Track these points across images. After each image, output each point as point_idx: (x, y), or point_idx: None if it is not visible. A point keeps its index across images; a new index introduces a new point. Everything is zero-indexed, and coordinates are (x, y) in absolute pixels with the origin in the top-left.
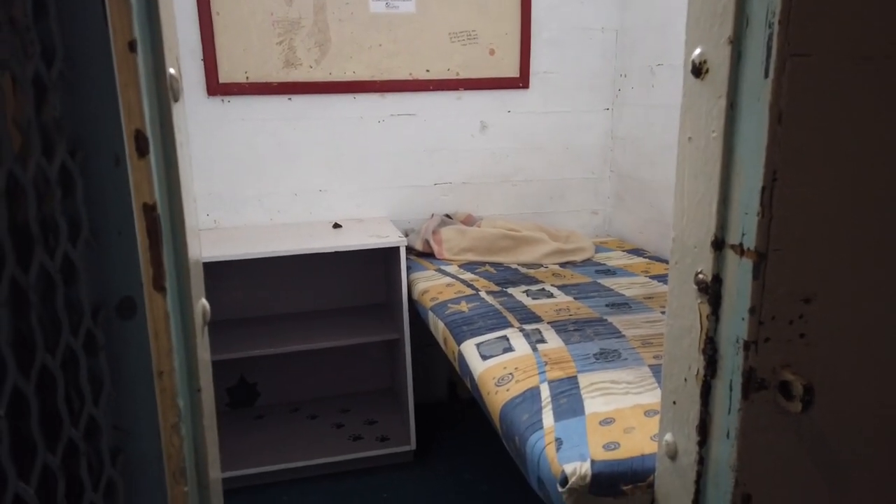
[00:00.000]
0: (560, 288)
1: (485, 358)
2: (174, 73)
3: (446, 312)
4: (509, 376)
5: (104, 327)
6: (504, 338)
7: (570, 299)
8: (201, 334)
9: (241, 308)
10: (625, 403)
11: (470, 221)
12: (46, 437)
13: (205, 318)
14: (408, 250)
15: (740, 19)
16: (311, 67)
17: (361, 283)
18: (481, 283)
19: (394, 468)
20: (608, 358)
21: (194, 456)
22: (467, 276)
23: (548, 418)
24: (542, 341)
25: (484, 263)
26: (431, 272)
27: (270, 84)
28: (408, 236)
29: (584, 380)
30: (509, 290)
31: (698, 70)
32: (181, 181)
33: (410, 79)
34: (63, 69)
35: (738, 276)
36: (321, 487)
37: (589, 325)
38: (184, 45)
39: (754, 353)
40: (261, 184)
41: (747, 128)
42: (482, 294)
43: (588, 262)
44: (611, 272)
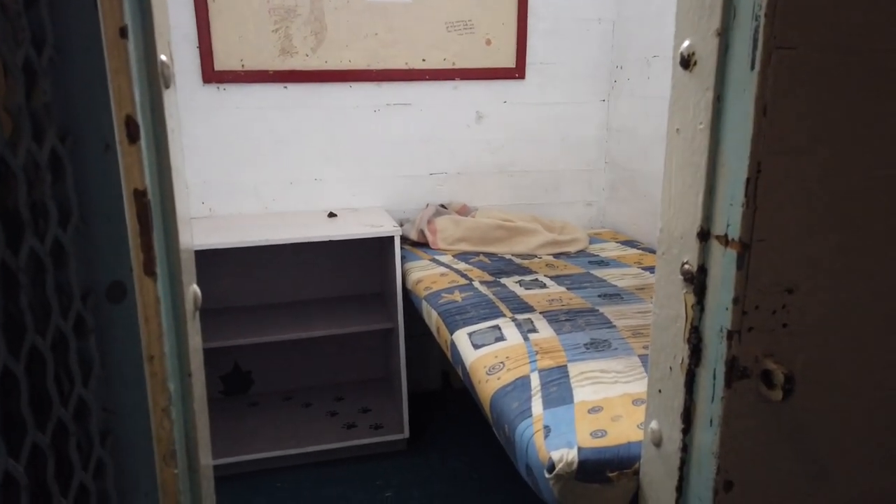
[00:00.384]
0: (553, 278)
1: (476, 347)
2: (165, 59)
3: (440, 302)
4: (500, 365)
5: (94, 311)
6: (496, 327)
7: (562, 290)
8: (192, 320)
9: (236, 296)
10: (613, 392)
11: (465, 212)
12: (36, 416)
13: (196, 304)
14: (402, 240)
15: (728, 11)
16: (306, 56)
17: (356, 272)
18: (475, 273)
19: (387, 456)
20: (598, 348)
21: (185, 439)
22: (461, 265)
23: (537, 406)
24: (534, 331)
25: (478, 254)
26: (426, 262)
27: (266, 72)
28: (403, 226)
29: (574, 369)
30: (503, 281)
31: (686, 62)
32: (172, 167)
33: (406, 68)
34: (53, 55)
35: (723, 266)
36: (315, 474)
37: (581, 315)
38: (179, 32)
39: (737, 343)
40: (256, 172)
41: (733, 120)
42: (476, 284)
43: (582, 253)
44: (604, 263)
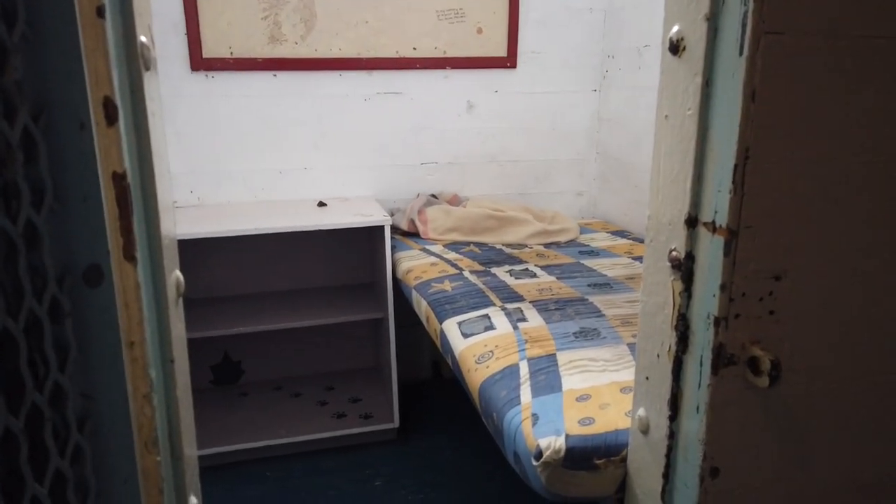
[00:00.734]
0: (543, 268)
1: (466, 336)
2: (146, 41)
3: (429, 291)
4: (489, 354)
5: (70, 294)
6: (486, 316)
7: (552, 279)
8: (175, 306)
9: (226, 286)
10: (601, 380)
11: (455, 201)
12: (9, 400)
13: (179, 291)
14: (393, 230)
15: None
16: (296, 44)
17: (346, 262)
18: (465, 262)
19: (377, 445)
20: (588, 336)
21: (167, 427)
22: (451, 255)
23: (525, 395)
24: (524, 320)
25: (468, 243)
26: (416, 251)
27: (255, 60)
28: (393, 216)
29: (562, 357)
30: (493, 270)
31: (676, 47)
32: (153, 151)
33: (397, 57)
34: (26, 31)
35: (710, 253)
36: (305, 464)
37: (570, 304)
38: (167, 19)
39: (724, 330)
40: (245, 161)
41: (722, 105)
42: (466, 273)
43: (572, 242)
44: (594, 253)
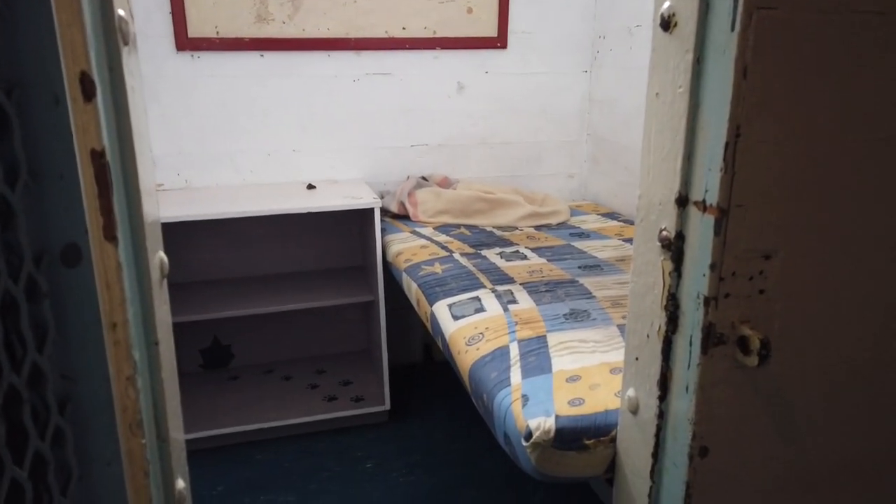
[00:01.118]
0: (534, 250)
1: (456, 318)
2: (123, 14)
3: (420, 274)
4: (480, 336)
5: (47, 274)
6: (476, 298)
7: (543, 261)
8: (159, 288)
9: (215, 269)
10: (591, 361)
11: (446, 184)
12: None
13: (163, 272)
14: (383, 212)
15: None
16: (283, 23)
17: (336, 245)
18: (455, 245)
19: (368, 428)
20: (578, 318)
21: (153, 409)
22: (442, 238)
23: (515, 376)
24: (514, 302)
25: (459, 226)
26: (406, 234)
27: (242, 40)
28: (383, 198)
29: (553, 339)
30: (483, 252)
31: (667, 23)
32: (133, 129)
33: (386, 37)
34: None
35: (700, 232)
36: (296, 446)
37: (560, 286)
38: None
39: (714, 309)
40: (232, 143)
41: (713, 82)
42: (456, 256)
43: (563, 225)
44: (585, 235)
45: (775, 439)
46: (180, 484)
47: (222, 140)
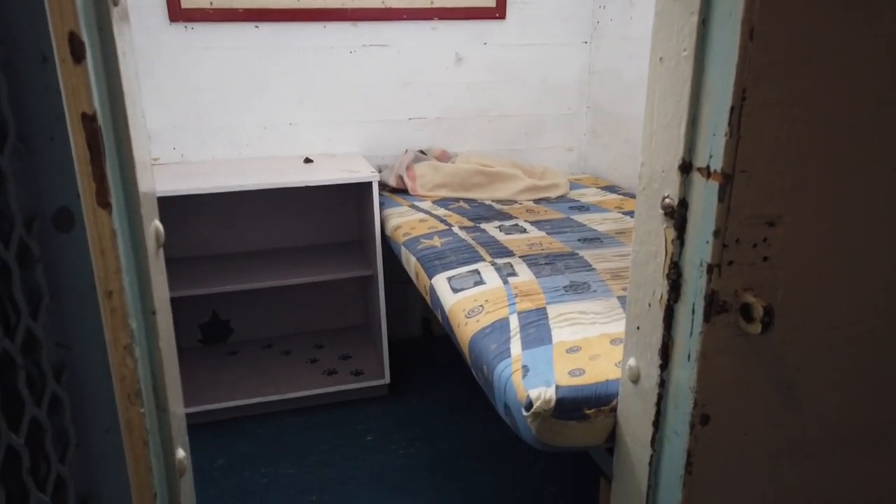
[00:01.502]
0: (533, 223)
1: (455, 291)
2: None
3: (418, 247)
4: (479, 308)
5: (40, 239)
6: (475, 271)
7: (542, 234)
8: (155, 257)
9: (212, 244)
10: (592, 333)
11: (444, 157)
12: None
13: (158, 241)
14: (381, 186)
15: None
16: None
17: (334, 219)
18: (454, 218)
19: (368, 401)
20: (578, 290)
21: (151, 379)
22: (441, 211)
23: (515, 347)
24: (514, 274)
25: (458, 199)
26: (405, 208)
27: (236, 10)
28: (381, 172)
29: (552, 311)
30: (482, 226)
31: None
32: (125, 93)
33: (383, 7)
34: None
35: (704, 198)
36: (296, 420)
37: (560, 258)
38: None
39: (717, 277)
40: (228, 116)
41: (719, 45)
42: (455, 229)
43: (562, 198)
44: (584, 208)
45: (777, 407)
46: (180, 454)
47: (218, 113)
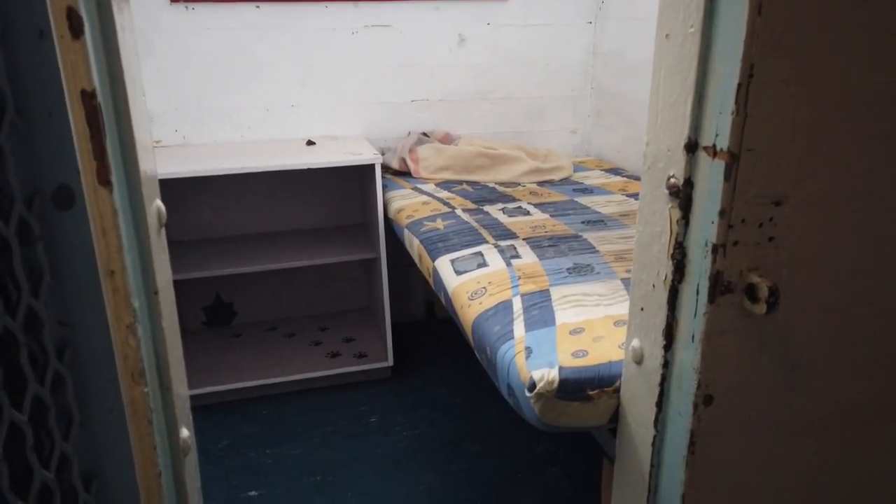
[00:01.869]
0: (537, 206)
1: (459, 273)
2: None
3: (422, 230)
4: (483, 290)
5: (40, 216)
6: (479, 254)
7: (546, 217)
8: (157, 236)
9: (215, 227)
10: (595, 314)
11: (447, 140)
12: None
13: (160, 221)
14: (383, 169)
15: None
16: None
17: (337, 202)
18: (457, 201)
19: (371, 384)
20: (581, 272)
21: (154, 358)
22: (444, 194)
23: (519, 329)
24: (517, 257)
25: (461, 182)
26: (408, 191)
27: None
28: (384, 155)
29: (556, 293)
30: (485, 208)
31: None
32: (125, 70)
33: None
34: None
35: (710, 178)
36: (300, 402)
37: (564, 241)
38: None
39: (722, 257)
40: (230, 98)
41: (727, 20)
42: (458, 212)
43: (566, 181)
44: (588, 191)
45: (780, 387)
46: (184, 433)
47: (220, 95)
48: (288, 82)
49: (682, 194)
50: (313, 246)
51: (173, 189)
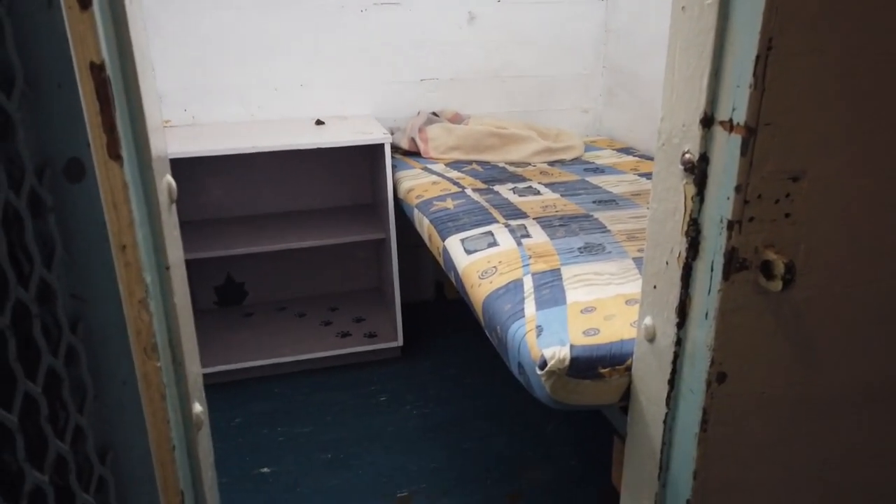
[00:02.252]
0: (547, 185)
1: (469, 252)
2: None
3: (431, 210)
4: (493, 269)
5: (51, 188)
6: (489, 233)
7: (556, 196)
8: (168, 212)
9: (225, 207)
10: (607, 293)
11: (457, 119)
12: None
13: (171, 196)
14: (393, 149)
15: None
16: None
17: (346, 182)
18: (468, 181)
19: (382, 363)
20: (592, 251)
21: (167, 333)
22: (454, 174)
23: (529, 308)
24: (527, 236)
25: (471, 162)
26: (417, 171)
27: None
28: (393, 134)
29: (567, 272)
30: (496, 188)
31: None
32: (133, 43)
33: None
34: None
35: (726, 153)
36: (311, 381)
37: (575, 220)
38: None
39: (737, 233)
40: (239, 77)
41: None
42: (468, 191)
43: (577, 160)
44: (599, 170)
45: (794, 365)
46: (197, 408)
47: (228, 75)
48: (297, 61)
49: (698, 170)
50: (323, 226)
51: (183, 169)
